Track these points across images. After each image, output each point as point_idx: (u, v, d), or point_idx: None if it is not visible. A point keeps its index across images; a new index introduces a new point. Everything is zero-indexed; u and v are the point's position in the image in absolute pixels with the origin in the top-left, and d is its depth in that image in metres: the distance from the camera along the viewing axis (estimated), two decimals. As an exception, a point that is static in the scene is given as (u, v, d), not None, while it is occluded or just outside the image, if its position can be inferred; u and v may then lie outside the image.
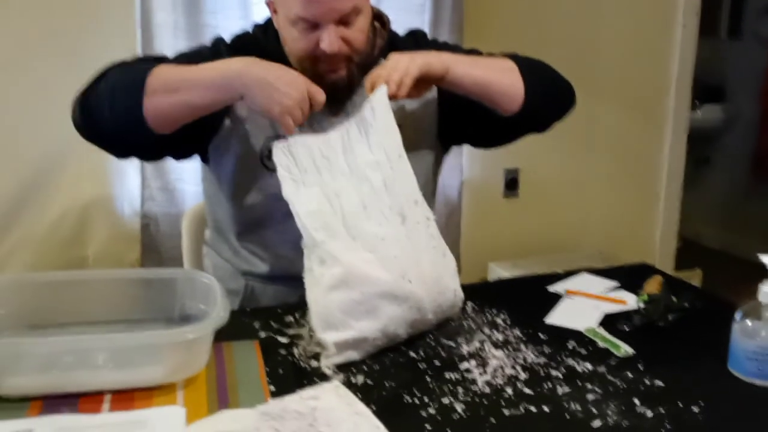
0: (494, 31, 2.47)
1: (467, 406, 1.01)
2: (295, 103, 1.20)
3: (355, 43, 1.31)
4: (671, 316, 1.29)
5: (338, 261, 1.13)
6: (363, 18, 1.31)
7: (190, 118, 1.25)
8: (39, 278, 1.26)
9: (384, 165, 1.22)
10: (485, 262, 2.63)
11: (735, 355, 1.10)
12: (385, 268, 1.15)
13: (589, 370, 1.12)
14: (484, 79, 1.32)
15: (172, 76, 1.23)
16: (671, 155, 2.90)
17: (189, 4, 2.07)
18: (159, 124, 1.24)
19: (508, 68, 1.35)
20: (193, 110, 1.24)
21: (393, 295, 1.15)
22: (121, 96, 1.23)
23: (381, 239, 1.17)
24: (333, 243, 1.15)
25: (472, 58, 1.36)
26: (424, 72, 1.25)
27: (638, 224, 2.93)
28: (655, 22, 2.77)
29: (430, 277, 1.20)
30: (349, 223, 1.17)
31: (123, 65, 1.31)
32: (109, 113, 1.24)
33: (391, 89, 1.22)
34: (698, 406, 1.01)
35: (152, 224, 2.16)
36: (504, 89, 1.33)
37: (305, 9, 1.25)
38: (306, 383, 1.06)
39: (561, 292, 1.42)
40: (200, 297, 1.17)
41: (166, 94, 1.21)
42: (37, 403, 0.99)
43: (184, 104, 1.22)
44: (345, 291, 1.13)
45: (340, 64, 1.31)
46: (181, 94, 1.22)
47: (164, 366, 1.03)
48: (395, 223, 1.19)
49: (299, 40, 1.29)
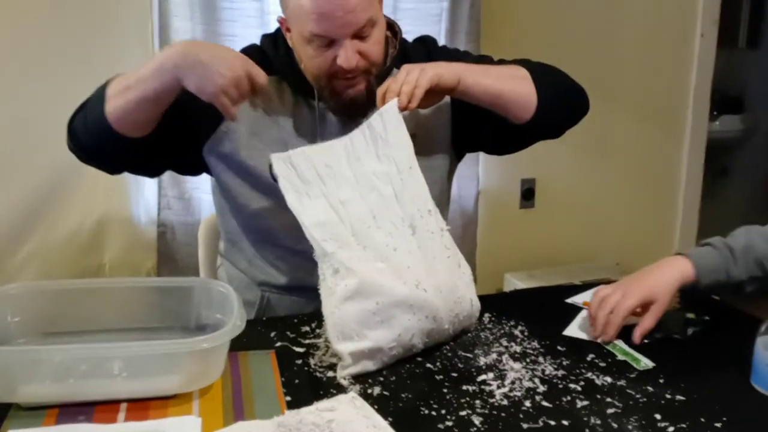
0: (511, 41, 2.46)
1: (485, 418, 1.00)
2: (228, 81, 1.17)
3: (372, 56, 1.30)
4: (691, 330, 1.27)
5: (352, 271, 1.12)
6: (378, 30, 1.30)
7: (150, 113, 1.25)
8: (55, 286, 1.26)
9: (394, 177, 1.21)
10: (501, 273, 2.62)
11: (758, 369, 1.09)
12: (400, 277, 1.14)
13: (608, 383, 1.10)
14: (496, 89, 1.31)
15: (124, 78, 1.24)
16: (689, 166, 2.88)
17: (207, 13, 2.07)
18: (123, 125, 1.24)
19: (520, 76, 1.34)
20: (146, 104, 1.23)
21: (408, 305, 1.14)
22: (89, 112, 1.27)
23: (393, 249, 1.16)
24: (344, 253, 1.14)
25: (483, 67, 1.34)
26: (435, 83, 1.24)
27: (656, 235, 2.90)
28: (673, 32, 2.75)
29: (445, 287, 1.19)
30: (358, 232, 1.16)
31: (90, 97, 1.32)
32: (84, 131, 1.28)
33: (402, 102, 1.22)
34: (720, 422, 0.99)
35: (168, 233, 2.16)
36: (516, 98, 1.32)
37: (319, 25, 1.23)
38: (322, 394, 1.05)
39: (579, 304, 1.40)
40: (216, 306, 1.17)
41: (121, 95, 1.22)
42: (53, 411, 0.99)
43: (136, 100, 1.22)
44: (360, 301, 1.12)
45: (359, 79, 1.30)
46: (132, 91, 1.22)
47: (180, 375, 1.02)
48: (406, 234, 1.18)
49: (315, 58, 1.28)
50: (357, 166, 1.22)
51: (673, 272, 1.23)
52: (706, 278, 1.23)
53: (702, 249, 1.26)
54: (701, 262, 1.23)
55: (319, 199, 1.18)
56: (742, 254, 1.22)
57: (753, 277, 1.23)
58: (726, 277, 1.23)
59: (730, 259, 1.23)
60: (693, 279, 1.23)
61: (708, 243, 1.27)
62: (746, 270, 1.22)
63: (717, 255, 1.23)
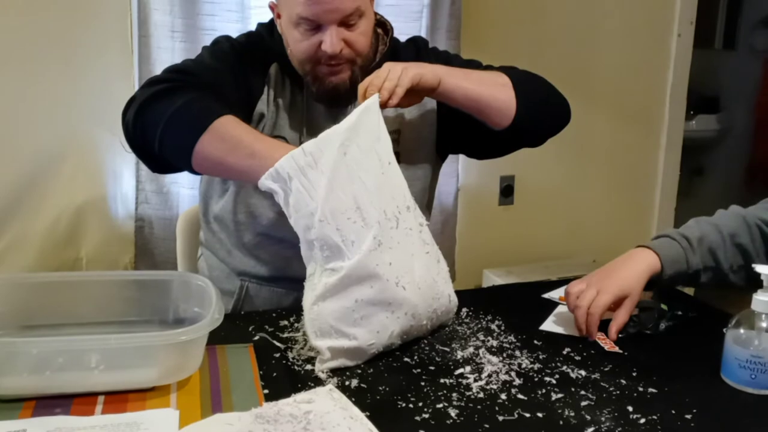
0: (491, 39, 2.48)
1: (461, 411, 1.01)
2: None
3: (357, 45, 1.31)
4: (663, 324, 1.29)
5: (333, 270, 1.13)
6: (365, 21, 1.32)
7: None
8: (32, 279, 1.26)
9: (376, 170, 1.21)
10: (480, 269, 2.63)
11: (728, 364, 1.11)
12: (379, 275, 1.14)
13: (582, 376, 1.12)
14: (476, 93, 1.32)
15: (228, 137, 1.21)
16: (666, 164, 2.91)
17: (187, 7, 2.06)
18: (204, 170, 1.28)
19: (501, 83, 1.35)
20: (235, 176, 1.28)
21: (387, 303, 1.14)
22: (175, 134, 1.23)
23: (377, 245, 1.16)
24: (328, 251, 1.14)
25: (465, 72, 1.36)
26: (416, 82, 1.25)
27: (632, 233, 2.93)
28: (650, 33, 2.78)
29: (424, 283, 1.19)
30: (343, 227, 1.16)
31: (187, 99, 1.25)
32: (158, 146, 1.25)
33: (383, 97, 1.23)
34: (691, 414, 1.01)
35: (146, 227, 2.15)
36: (495, 104, 1.34)
37: (307, 9, 1.26)
38: (300, 387, 1.06)
39: (555, 299, 1.42)
40: (195, 300, 1.17)
41: (219, 154, 1.21)
42: (30, 404, 0.99)
43: (229, 169, 1.23)
44: (338, 299, 1.12)
45: (342, 67, 1.32)
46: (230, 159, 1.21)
47: (158, 368, 1.02)
48: (387, 227, 1.18)
49: (301, 42, 1.30)
50: (339, 157, 1.21)
51: (641, 265, 1.26)
52: (669, 269, 1.26)
53: (662, 240, 1.29)
54: (664, 252, 1.26)
55: (302, 193, 1.16)
56: (697, 244, 1.27)
57: (707, 266, 1.28)
58: (686, 267, 1.27)
59: (688, 249, 1.27)
60: (658, 270, 1.26)
61: (665, 234, 1.30)
62: (702, 260, 1.27)
63: (677, 246, 1.27)
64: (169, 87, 1.27)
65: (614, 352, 1.20)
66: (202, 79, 1.31)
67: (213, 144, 1.20)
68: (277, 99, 1.39)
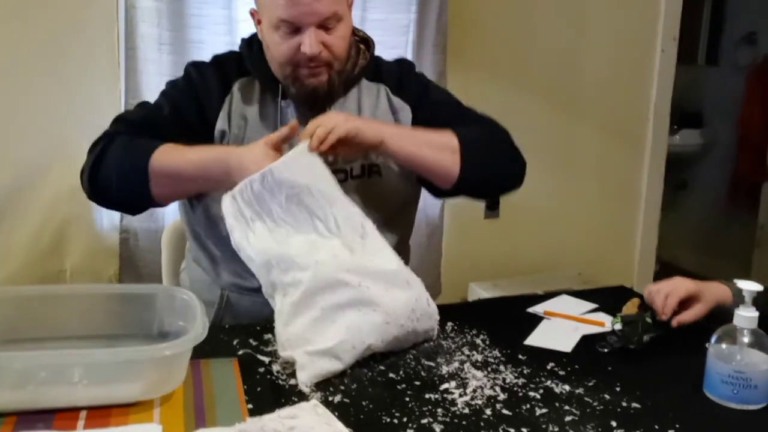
0: (477, 54, 2.49)
1: (446, 426, 1.01)
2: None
3: (335, 48, 1.35)
4: (647, 338, 1.30)
5: (293, 284, 1.17)
6: (344, 26, 1.36)
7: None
8: (15, 292, 1.25)
9: (324, 206, 1.24)
10: (466, 282, 2.64)
11: (710, 379, 1.12)
12: (339, 280, 1.18)
13: (567, 391, 1.12)
14: (419, 157, 1.36)
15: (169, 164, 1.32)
16: (650, 179, 2.94)
17: (175, 19, 2.06)
18: (165, 201, 1.42)
19: (448, 147, 1.38)
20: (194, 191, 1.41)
21: (352, 303, 1.18)
22: (125, 181, 1.34)
23: (332, 257, 1.20)
24: (286, 276, 1.19)
25: (413, 133, 1.39)
26: (352, 136, 1.27)
27: (617, 247, 2.96)
28: (634, 48, 2.81)
29: (390, 284, 1.22)
30: (300, 258, 1.19)
31: (122, 143, 1.36)
32: (116, 193, 1.37)
33: (312, 145, 1.25)
34: (673, 428, 1.02)
35: (131, 239, 2.14)
36: (436, 168, 1.39)
37: (287, 11, 1.30)
38: (284, 401, 1.06)
39: (540, 314, 1.43)
40: (179, 313, 1.17)
41: (169, 182, 1.33)
42: (12, 419, 0.98)
43: (189, 192, 1.41)
44: (305, 312, 1.17)
45: (321, 69, 1.35)
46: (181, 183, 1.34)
47: (141, 383, 1.02)
48: (345, 253, 1.22)
49: (281, 45, 1.34)
50: (290, 191, 1.23)
51: (724, 290, 1.32)
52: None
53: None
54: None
55: (260, 230, 1.22)
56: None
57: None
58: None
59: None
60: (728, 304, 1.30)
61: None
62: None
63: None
64: (103, 147, 1.36)
65: (604, 363, 1.20)
66: (140, 118, 1.41)
67: (162, 183, 1.32)
68: (244, 112, 1.41)
